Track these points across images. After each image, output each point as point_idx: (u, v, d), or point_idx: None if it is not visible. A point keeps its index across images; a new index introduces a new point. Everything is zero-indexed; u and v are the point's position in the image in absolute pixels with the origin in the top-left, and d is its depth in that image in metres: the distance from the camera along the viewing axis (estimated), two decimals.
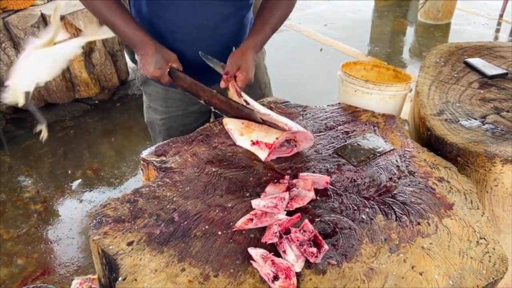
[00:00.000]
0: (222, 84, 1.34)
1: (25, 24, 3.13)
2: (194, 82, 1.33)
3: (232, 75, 1.33)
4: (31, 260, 2.28)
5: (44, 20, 3.20)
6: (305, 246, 0.90)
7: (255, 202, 1.03)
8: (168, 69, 1.32)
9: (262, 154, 1.22)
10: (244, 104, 1.30)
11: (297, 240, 0.91)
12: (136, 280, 0.85)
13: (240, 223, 0.98)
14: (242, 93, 1.33)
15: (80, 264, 2.25)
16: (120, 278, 0.85)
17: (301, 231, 0.93)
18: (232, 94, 1.32)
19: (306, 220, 0.95)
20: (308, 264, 0.89)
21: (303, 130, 1.22)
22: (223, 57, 1.48)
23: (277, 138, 1.20)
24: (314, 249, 0.89)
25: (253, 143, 1.24)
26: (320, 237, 0.92)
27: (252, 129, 1.27)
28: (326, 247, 0.91)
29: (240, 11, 1.43)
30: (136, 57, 1.37)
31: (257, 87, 1.63)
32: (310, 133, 1.23)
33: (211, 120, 1.63)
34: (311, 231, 0.93)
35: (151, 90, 1.57)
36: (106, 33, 1.45)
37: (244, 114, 1.28)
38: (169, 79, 1.34)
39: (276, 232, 0.94)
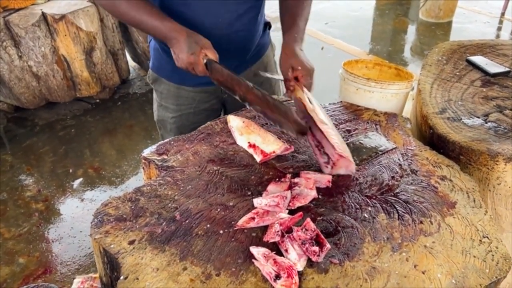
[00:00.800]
0: (289, 94, 1.31)
1: (26, 23, 3.13)
2: (231, 75, 1.22)
3: (292, 79, 1.28)
4: (33, 259, 2.28)
5: (45, 19, 3.20)
6: (307, 245, 0.89)
7: (257, 201, 1.02)
8: (204, 59, 1.21)
9: (257, 157, 1.20)
10: (309, 106, 1.22)
11: (299, 239, 0.91)
12: (137, 279, 0.84)
13: (241, 222, 0.97)
14: (310, 98, 1.27)
15: (82, 263, 2.25)
16: (121, 277, 0.85)
17: (303, 229, 0.92)
18: (303, 100, 1.24)
19: (308, 219, 0.95)
20: (310, 263, 0.89)
21: (350, 159, 1.13)
22: (237, 55, 1.48)
23: (274, 151, 1.18)
24: (316, 248, 0.89)
25: (250, 145, 1.23)
26: (322, 236, 0.91)
27: (251, 130, 1.26)
28: (328, 246, 0.90)
29: (254, 8, 1.42)
30: (171, 50, 1.28)
31: (267, 84, 1.63)
32: (354, 165, 1.15)
33: None
34: (313, 229, 0.92)
35: (162, 88, 1.57)
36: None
37: (281, 112, 1.18)
38: (204, 68, 1.23)
39: (278, 231, 0.93)
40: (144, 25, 1.27)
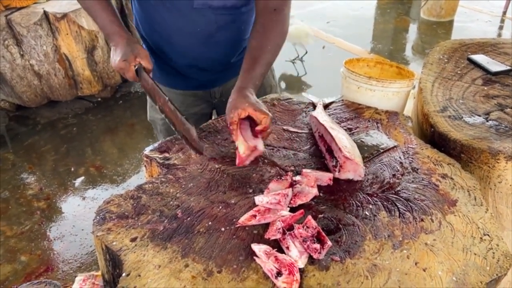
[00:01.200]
0: (232, 139, 1.21)
1: (28, 21, 3.14)
2: (154, 86, 1.25)
3: (234, 122, 1.15)
4: (34, 256, 2.29)
5: (46, 18, 3.20)
6: (308, 242, 0.90)
7: (258, 199, 1.03)
8: (137, 66, 1.24)
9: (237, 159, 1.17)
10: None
11: (300, 236, 0.91)
12: (139, 276, 0.85)
13: (243, 220, 0.98)
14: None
15: (83, 261, 2.26)
16: (123, 274, 0.85)
17: (304, 227, 0.93)
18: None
19: (309, 216, 0.95)
20: (311, 260, 0.89)
21: (359, 163, 1.12)
22: (219, 65, 1.47)
23: (245, 154, 1.14)
24: (317, 245, 0.89)
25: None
26: (323, 233, 0.92)
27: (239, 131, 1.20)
28: (329, 243, 0.91)
29: (237, 21, 1.39)
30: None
31: (262, 90, 1.63)
32: (363, 170, 1.13)
33: None
34: (314, 227, 0.93)
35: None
36: None
37: (184, 129, 1.21)
38: (134, 75, 1.25)
39: (279, 228, 0.93)
40: (97, 20, 1.32)
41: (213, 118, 1.64)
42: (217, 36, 1.36)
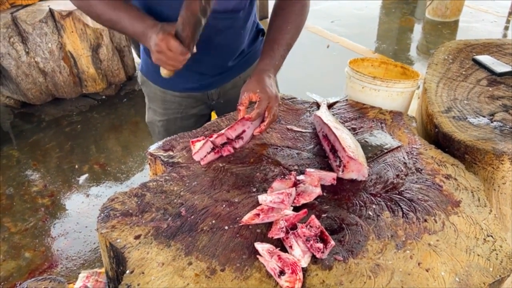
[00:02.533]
0: (240, 117, 1.21)
1: (33, 19, 3.15)
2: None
3: (244, 103, 1.20)
4: (38, 253, 2.30)
5: (52, 15, 3.21)
6: (311, 242, 0.90)
7: (261, 198, 1.03)
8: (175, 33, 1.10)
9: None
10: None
11: (304, 236, 0.91)
12: (143, 273, 0.85)
13: (246, 218, 0.98)
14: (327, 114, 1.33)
15: (87, 258, 2.27)
16: (127, 271, 0.86)
17: (308, 226, 0.93)
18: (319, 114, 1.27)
19: (313, 216, 0.95)
20: (314, 260, 0.89)
21: (362, 163, 1.12)
22: (216, 68, 1.47)
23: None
24: (320, 245, 0.89)
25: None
26: (326, 233, 0.92)
27: None
28: (332, 242, 0.91)
29: (235, 24, 1.37)
30: (149, 47, 1.19)
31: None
32: (367, 170, 1.13)
33: None
34: (317, 226, 0.93)
35: (149, 91, 1.56)
36: None
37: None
38: (178, 42, 1.10)
39: (282, 227, 0.94)
40: (121, 23, 1.21)
41: (215, 117, 1.65)
42: (216, 40, 1.35)
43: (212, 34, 1.33)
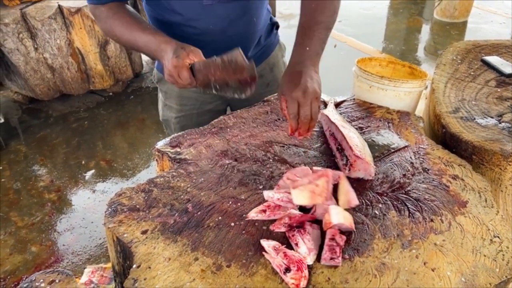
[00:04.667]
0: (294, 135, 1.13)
1: (42, 15, 3.17)
2: (213, 62, 1.08)
3: (282, 108, 1.11)
4: (45, 247, 2.32)
5: (61, 12, 3.23)
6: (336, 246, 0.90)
7: (267, 194, 1.03)
8: (190, 65, 1.09)
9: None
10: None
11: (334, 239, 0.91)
12: (150, 268, 0.86)
13: (253, 213, 0.98)
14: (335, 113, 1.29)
15: (92, 253, 2.29)
16: (134, 266, 0.86)
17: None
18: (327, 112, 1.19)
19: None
20: (319, 257, 0.89)
21: (369, 162, 1.11)
22: None
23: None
24: (338, 249, 0.89)
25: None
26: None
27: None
28: (342, 244, 0.91)
29: (248, 12, 1.37)
30: (162, 63, 1.20)
31: (275, 85, 1.63)
32: (373, 169, 1.12)
33: None
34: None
35: (166, 88, 1.57)
36: None
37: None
38: (189, 73, 1.09)
39: (285, 223, 0.94)
40: (137, 43, 1.22)
41: (226, 113, 1.66)
42: (229, 31, 1.35)
43: (225, 25, 1.33)
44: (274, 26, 1.58)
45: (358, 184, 1.11)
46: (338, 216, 0.94)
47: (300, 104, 1.07)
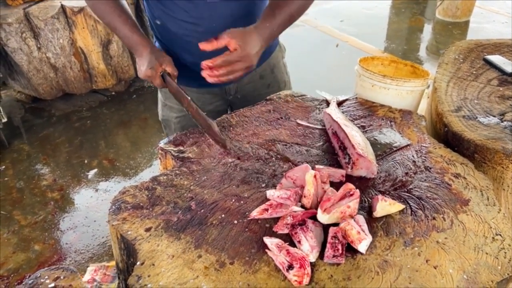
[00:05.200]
0: (205, 46, 1.23)
1: (45, 15, 3.18)
2: (178, 89, 1.32)
3: (219, 44, 1.21)
4: (48, 246, 2.33)
5: (63, 11, 3.24)
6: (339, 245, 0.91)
7: (269, 193, 1.04)
8: (162, 72, 1.31)
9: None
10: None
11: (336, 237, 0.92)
12: (153, 265, 0.87)
13: (255, 213, 0.99)
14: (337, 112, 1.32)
15: (95, 251, 2.29)
16: (138, 263, 0.87)
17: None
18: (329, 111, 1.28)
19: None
20: (322, 255, 0.90)
21: (371, 161, 1.12)
22: None
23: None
24: (340, 246, 0.90)
25: None
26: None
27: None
28: (344, 242, 0.92)
29: (251, 12, 1.39)
30: (136, 61, 1.38)
31: (276, 86, 1.63)
32: (376, 167, 1.13)
33: None
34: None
35: (166, 89, 1.57)
36: None
37: (207, 125, 1.27)
38: (161, 81, 1.32)
39: (288, 224, 0.95)
40: (117, 32, 1.35)
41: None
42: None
43: (228, 24, 1.32)
44: None
45: (360, 183, 1.12)
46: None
47: (239, 59, 1.20)
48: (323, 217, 0.96)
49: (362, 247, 0.90)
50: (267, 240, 0.91)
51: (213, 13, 1.32)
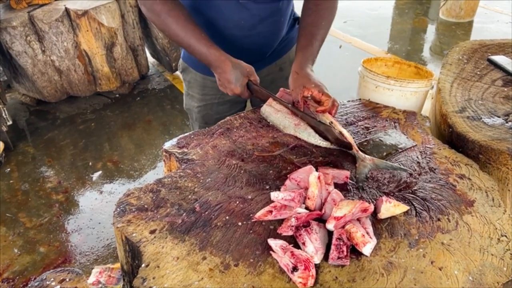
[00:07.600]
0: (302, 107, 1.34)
1: (49, 18, 3.20)
2: (264, 92, 1.37)
3: (301, 99, 1.32)
4: (53, 248, 2.34)
5: (68, 15, 3.26)
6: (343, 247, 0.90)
7: (274, 194, 1.03)
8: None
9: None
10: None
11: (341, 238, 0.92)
12: (158, 267, 0.87)
13: (259, 214, 0.99)
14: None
15: (100, 253, 2.30)
16: (143, 265, 0.87)
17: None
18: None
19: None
20: (327, 257, 0.90)
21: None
22: (258, 53, 1.53)
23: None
24: (344, 248, 0.90)
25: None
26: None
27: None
28: (348, 243, 0.92)
29: (278, 12, 1.45)
30: (216, 76, 1.38)
31: (287, 85, 1.64)
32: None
33: (246, 109, 1.65)
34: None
35: (189, 78, 1.63)
36: None
37: (321, 129, 1.28)
38: (249, 93, 1.37)
39: (292, 226, 0.95)
40: (191, 49, 1.34)
41: (246, 104, 1.72)
42: (259, 27, 1.43)
43: (256, 22, 1.41)
44: (296, 21, 1.63)
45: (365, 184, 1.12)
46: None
47: (330, 102, 1.28)
48: (332, 227, 0.96)
49: (366, 250, 0.90)
50: (272, 242, 0.91)
51: (243, 12, 1.38)
